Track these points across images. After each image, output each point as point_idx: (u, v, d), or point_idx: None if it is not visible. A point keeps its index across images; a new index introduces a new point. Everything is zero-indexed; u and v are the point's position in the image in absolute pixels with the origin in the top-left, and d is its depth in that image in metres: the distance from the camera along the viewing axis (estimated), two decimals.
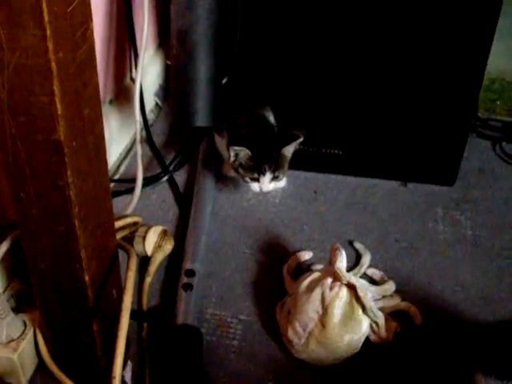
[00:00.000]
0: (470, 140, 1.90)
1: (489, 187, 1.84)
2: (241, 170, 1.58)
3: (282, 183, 1.67)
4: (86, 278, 1.07)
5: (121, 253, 1.25)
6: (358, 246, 1.60)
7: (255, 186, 1.59)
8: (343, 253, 1.34)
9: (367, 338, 1.35)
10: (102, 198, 1.08)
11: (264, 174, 1.56)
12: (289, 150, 1.59)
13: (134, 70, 1.87)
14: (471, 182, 1.85)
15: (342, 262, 1.32)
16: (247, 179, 1.59)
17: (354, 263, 1.56)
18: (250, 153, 1.54)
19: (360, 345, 1.34)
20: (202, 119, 1.67)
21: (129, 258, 1.14)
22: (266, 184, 1.58)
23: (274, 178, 1.59)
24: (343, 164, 1.78)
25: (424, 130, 1.73)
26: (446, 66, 1.63)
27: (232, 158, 1.57)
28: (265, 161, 1.55)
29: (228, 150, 1.57)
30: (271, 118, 1.63)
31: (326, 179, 1.75)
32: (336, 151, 1.75)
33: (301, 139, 1.58)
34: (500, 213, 1.76)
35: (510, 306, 1.49)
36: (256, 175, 1.57)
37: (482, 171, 1.90)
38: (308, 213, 1.71)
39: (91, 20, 0.92)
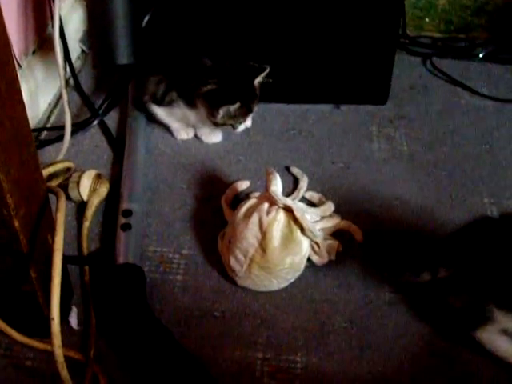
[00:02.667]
0: (400, 58, 1.93)
1: (421, 103, 1.86)
2: (230, 121, 1.59)
3: None
4: (16, 224, 1.05)
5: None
6: (294, 171, 1.60)
7: (241, 128, 1.63)
8: (277, 177, 1.34)
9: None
10: (23, 142, 1.05)
11: (252, 111, 1.60)
12: (259, 82, 1.60)
13: None
14: (404, 99, 1.86)
15: (276, 186, 1.32)
16: (237, 125, 1.61)
17: (293, 188, 1.56)
18: (239, 103, 1.55)
19: (302, 266, 1.35)
20: (123, 57, 1.65)
21: (58, 200, 1.12)
22: (250, 119, 1.62)
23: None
24: (275, 92, 1.77)
25: (352, 52, 1.73)
26: None
27: (221, 116, 1.57)
28: (251, 100, 1.58)
29: (214, 113, 1.57)
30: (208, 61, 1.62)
31: (258, 109, 1.73)
32: (266, 79, 1.73)
33: (267, 70, 1.59)
34: (433, 127, 1.77)
35: (449, 214, 1.51)
36: (246, 116, 1.60)
37: (414, 87, 1.92)
38: (243, 144, 1.71)
39: None
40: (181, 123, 1.70)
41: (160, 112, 1.68)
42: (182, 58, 1.62)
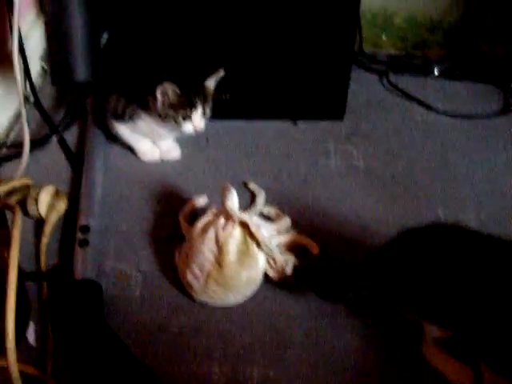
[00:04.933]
0: (357, 75, 1.96)
1: (378, 119, 1.89)
2: (171, 112, 1.56)
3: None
4: None
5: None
6: (252, 186, 1.61)
7: (188, 127, 1.58)
8: (233, 192, 1.36)
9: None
10: None
11: (196, 108, 1.55)
12: (211, 84, 1.60)
13: None
14: (360, 115, 1.89)
15: (232, 201, 1.33)
16: (179, 119, 1.56)
17: (250, 203, 1.58)
18: (177, 88, 1.53)
19: (259, 281, 1.36)
20: (81, 74, 1.65)
21: (14, 216, 1.12)
22: (199, 120, 1.58)
23: (204, 115, 1.59)
24: (232, 109, 1.79)
25: (308, 68, 1.76)
26: (321, 5, 1.65)
27: (160, 101, 1.54)
28: (194, 94, 1.55)
29: (154, 101, 1.55)
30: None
31: (216, 125, 1.75)
32: (224, 96, 1.75)
33: (221, 72, 1.59)
34: (390, 142, 1.81)
35: (405, 227, 1.52)
36: (188, 111, 1.55)
37: (371, 104, 1.95)
38: (201, 160, 1.72)
39: None
40: (145, 142, 1.70)
41: (124, 130, 1.68)
42: (140, 72, 1.62)
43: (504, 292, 1.12)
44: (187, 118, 1.56)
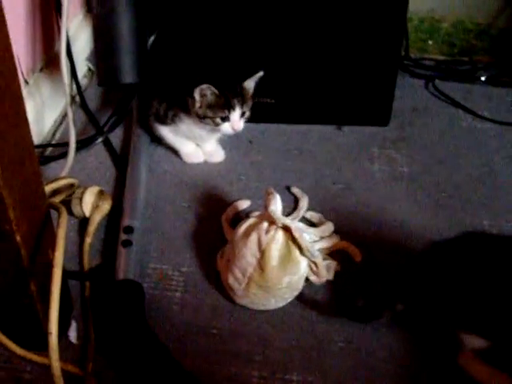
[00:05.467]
0: (403, 80, 1.96)
1: (423, 124, 1.88)
2: (209, 113, 1.56)
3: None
4: (18, 238, 1.06)
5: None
6: (295, 190, 1.61)
7: (227, 127, 1.58)
8: (277, 196, 1.35)
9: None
10: (26, 158, 1.07)
11: (234, 109, 1.56)
12: (250, 85, 1.60)
13: None
14: (406, 121, 1.88)
15: (275, 206, 1.33)
16: (218, 120, 1.57)
17: (293, 208, 1.58)
18: (216, 90, 1.54)
19: (300, 286, 1.36)
20: (127, 76, 1.67)
21: (59, 216, 1.14)
22: (237, 121, 1.58)
23: (242, 115, 1.59)
24: (277, 112, 1.79)
25: (354, 73, 1.75)
26: (369, 9, 1.65)
27: (198, 103, 1.56)
28: (232, 95, 1.56)
29: (192, 101, 1.56)
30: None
31: (260, 128, 1.76)
32: (268, 100, 1.75)
33: (261, 73, 1.58)
34: (434, 149, 1.79)
35: (447, 236, 1.50)
36: (227, 112, 1.56)
37: (416, 110, 1.93)
38: (244, 163, 1.72)
39: None
40: (189, 145, 1.71)
41: (167, 133, 1.69)
42: (181, 74, 1.63)
43: None
44: (226, 118, 1.57)
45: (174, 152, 1.74)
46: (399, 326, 1.32)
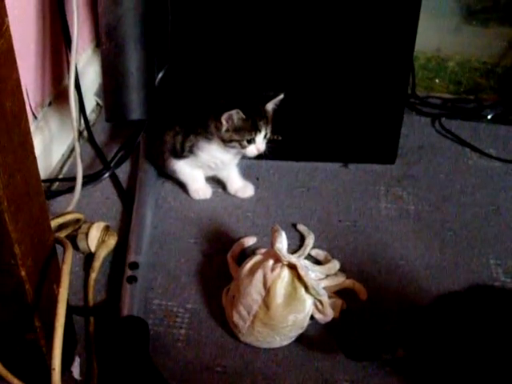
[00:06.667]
0: (409, 118, 1.96)
1: (429, 162, 1.88)
2: (236, 136, 1.58)
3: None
4: (23, 273, 1.06)
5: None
6: (301, 228, 1.61)
7: (252, 150, 1.60)
8: (283, 234, 1.35)
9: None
10: (33, 193, 1.08)
11: (260, 131, 1.58)
12: (271, 107, 1.62)
13: None
14: (412, 159, 1.88)
15: (281, 243, 1.33)
16: (244, 143, 1.58)
17: (299, 245, 1.57)
18: (243, 114, 1.55)
19: (305, 324, 1.35)
20: (135, 113, 1.68)
21: (65, 251, 1.14)
22: (262, 143, 1.60)
23: (265, 137, 1.61)
24: (283, 150, 1.79)
25: (361, 111, 1.76)
26: (375, 49, 1.66)
27: (225, 126, 1.57)
28: (259, 117, 1.58)
29: (218, 125, 1.58)
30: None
31: (267, 166, 1.76)
32: (275, 137, 1.76)
33: (281, 96, 1.60)
34: (441, 187, 1.79)
35: (454, 275, 1.51)
36: (253, 134, 1.57)
37: (422, 147, 1.93)
38: (251, 200, 1.73)
39: (6, 17, 0.92)
40: (199, 182, 1.73)
41: (182, 167, 1.70)
42: (197, 102, 1.65)
43: None
44: (251, 141, 1.58)
45: (181, 187, 1.74)
46: (402, 372, 1.31)
